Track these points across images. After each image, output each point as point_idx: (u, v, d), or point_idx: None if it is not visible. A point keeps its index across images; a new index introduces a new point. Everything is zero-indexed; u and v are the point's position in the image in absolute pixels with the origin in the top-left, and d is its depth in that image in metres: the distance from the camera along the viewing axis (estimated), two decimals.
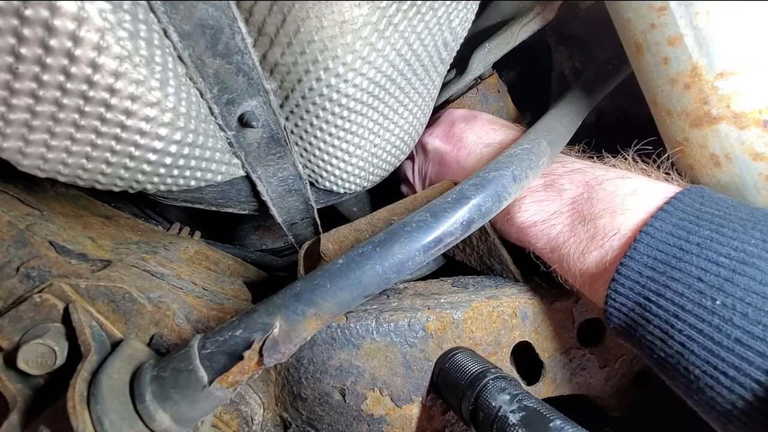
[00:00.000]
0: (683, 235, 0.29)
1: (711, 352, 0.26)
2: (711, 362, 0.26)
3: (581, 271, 0.35)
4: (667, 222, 0.31)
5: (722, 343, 0.26)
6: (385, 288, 0.29)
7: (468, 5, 0.41)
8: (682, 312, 0.28)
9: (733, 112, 0.34)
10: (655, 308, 0.29)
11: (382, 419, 0.37)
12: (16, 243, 0.33)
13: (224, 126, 0.36)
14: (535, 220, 0.39)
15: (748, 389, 0.25)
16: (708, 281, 0.27)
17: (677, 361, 0.28)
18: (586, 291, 0.36)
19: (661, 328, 0.29)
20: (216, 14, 0.30)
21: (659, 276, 0.29)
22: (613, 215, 0.33)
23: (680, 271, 0.28)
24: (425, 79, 0.43)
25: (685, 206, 0.31)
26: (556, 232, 0.37)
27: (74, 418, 0.23)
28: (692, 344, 0.27)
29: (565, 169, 0.39)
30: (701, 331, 0.27)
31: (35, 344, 0.29)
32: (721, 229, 0.29)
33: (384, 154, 0.46)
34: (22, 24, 0.24)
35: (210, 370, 0.26)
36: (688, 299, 0.28)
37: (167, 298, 0.35)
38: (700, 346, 0.27)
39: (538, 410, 0.28)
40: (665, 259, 0.29)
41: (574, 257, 0.35)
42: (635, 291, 0.30)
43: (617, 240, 0.33)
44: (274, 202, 0.45)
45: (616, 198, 0.34)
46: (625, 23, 0.38)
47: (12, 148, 0.29)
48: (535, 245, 0.39)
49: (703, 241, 0.29)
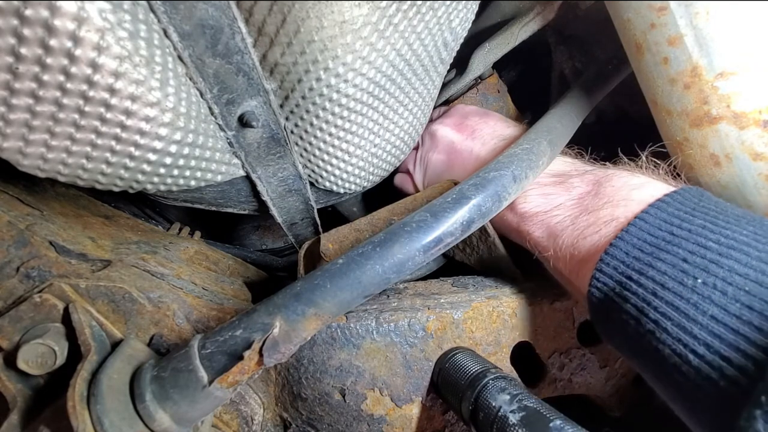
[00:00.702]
0: (676, 222, 0.29)
1: (684, 329, 0.25)
2: (682, 340, 0.25)
3: (573, 256, 0.35)
4: (662, 211, 0.31)
5: (697, 319, 0.25)
6: (385, 288, 0.29)
7: (468, 5, 0.41)
8: (661, 289, 0.27)
9: (733, 112, 0.34)
10: (635, 286, 0.29)
11: (382, 419, 0.37)
12: (16, 243, 0.33)
13: (224, 126, 0.36)
14: (537, 210, 0.39)
15: (716, 368, 0.24)
16: (693, 262, 0.27)
17: (648, 341, 0.27)
18: (575, 278, 0.35)
19: (638, 307, 0.28)
20: (216, 14, 0.30)
21: (645, 256, 0.29)
22: (615, 206, 0.33)
23: (666, 252, 0.28)
24: (425, 79, 0.43)
25: (684, 200, 0.31)
26: (557, 221, 0.37)
27: (74, 418, 0.23)
28: (666, 322, 0.26)
29: (578, 171, 0.40)
30: (677, 308, 0.26)
31: (35, 344, 0.29)
32: (714, 221, 0.29)
33: (384, 154, 0.46)
34: (22, 24, 0.24)
35: (210, 370, 0.26)
36: (669, 277, 0.27)
37: (167, 298, 0.35)
38: (674, 323, 0.26)
39: (538, 410, 0.28)
40: (654, 242, 0.29)
41: (569, 243, 0.35)
42: (619, 270, 0.30)
43: (613, 227, 0.32)
44: (274, 202, 0.45)
45: (621, 191, 0.34)
46: (625, 23, 0.38)
47: (12, 148, 0.29)
48: (532, 234, 0.39)
49: (694, 228, 0.28)
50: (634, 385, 0.45)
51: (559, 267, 0.37)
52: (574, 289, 0.37)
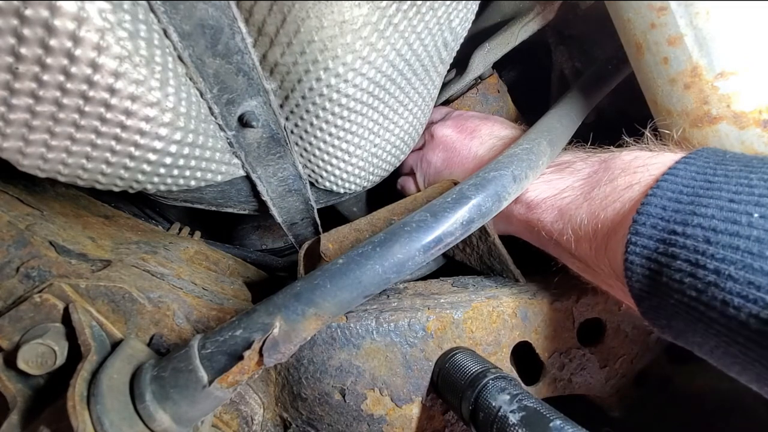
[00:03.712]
0: (710, 171, 0.27)
1: (752, 270, 0.22)
2: (754, 282, 0.22)
3: (596, 231, 0.31)
4: (691, 165, 0.28)
5: (765, 254, 0.22)
6: (385, 288, 0.29)
7: (468, 5, 0.41)
8: (714, 234, 0.24)
9: (733, 112, 0.34)
10: (682, 239, 0.25)
11: (382, 419, 0.37)
12: (16, 243, 0.33)
13: (224, 126, 0.36)
14: (545, 196, 0.37)
15: None
16: (741, 201, 0.24)
17: (712, 295, 0.23)
18: (603, 252, 0.32)
19: (691, 260, 0.24)
20: (216, 14, 0.30)
21: (685, 207, 0.26)
22: (632, 174, 0.31)
23: (709, 198, 0.25)
24: (425, 79, 0.43)
25: (709, 155, 0.29)
26: (568, 201, 0.35)
27: (74, 418, 0.23)
28: (729, 267, 0.23)
29: (581, 158, 0.39)
30: (738, 248, 0.23)
31: (35, 344, 0.29)
32: (750, 163, 0.26)
33: (384, 154, 0.46)
34: (22, 24, 0.24)
35: (210, 370, 0.26)
36: (720, 220, 0.24)
37: (167, 298, 0.35)
38: (739, 267, 0.22)
39: (538, 410, 0.28)
40: (692, 192, 0.26)
41: (588, 219, 0.32)
42: (658, 228, 0.26)
43: (637, 190, 0.30)
44: (274, 202, 0.45)
45: (636, 161, 0.32)
46: (625, 23, 0.38)
47: (12, 148, 0.29)
48: (544, 220, 0.37)
49: (731, 172, 0.26)
50: (634, 385, 0.45)
51: (582, 249, 0.34)
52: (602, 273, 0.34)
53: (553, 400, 0.40)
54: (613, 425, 0.46)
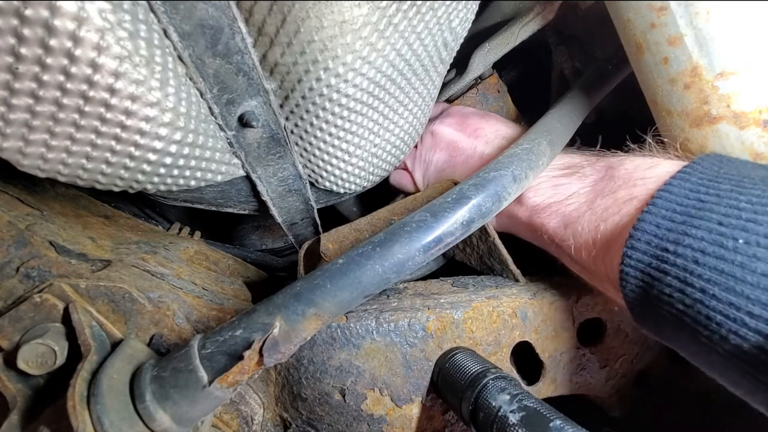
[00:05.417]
0: (702, 190, 0.29)
1: (734, 292, 0.24)
2: (734, 303, 0.24)
3: (595, 241, 0.34)
4: (685, 181, 0.30)
5: (746, 279, 0.24)
6: (385, 288, 0.29)
7: (468, 5, 0.41)
8: (702, 256, 0.26)
9: (733, 112, 0.34)
10: (673, 257, 0.27)
11: (382, 419, 0.37)
12: (16, 243, 0.33)
13: (224, 126, 0.36)
14: (550, 201, 0.38)
15: None
16: (729, 224, 0.26)
17: (697, 311, 0.26)
18: (601, 263, 0.34)
19: (680, 278, 0.27)
20: (216, 14, 0.30)
21: (677, 226, 0.28)
22: (632, 187, 0.33)
23: (699, 219, 0.27)
24: (425, 79, 0.43)
25: (704, 169, 0.30)
26: (573, 208, 0.36)
27: (74, 418, 0.23)
28: (713, 288, 0.25)
29: (589, 161, 0.40)
30: (722, 271, 0.25)
31: (35, 344, 0.29)
32: (741, 183, 0.28)
33: (384, 154, 0.46)
34: (22, 24, 0.24)
35: (210, 370, 0.26)
36: (708, 242, 0.26)
37: (167, 298, 0.35)
38: (722, 288, 0.25)
39: (538, 410, 0.28)
40: (684, 211, 0.28)
41: (588, 228, 0.34)
42: (652, 244, 0.29)
43: (634, 205, 0.32)
44: (274, 202, 0.45)
45: (636, 172, 0.34)
46: (625, 23, 0.38)
47: (12, 148, 0.29)
48: (547, 225, 0.38)
49: (723, 193, 0.28)
50: (634, 385, 0.45)
51: (582, 256, 0.35)
52: (598, 278, 0.36)
53: (553, 400, 0.40)
54: (613, 425, 0.46)
